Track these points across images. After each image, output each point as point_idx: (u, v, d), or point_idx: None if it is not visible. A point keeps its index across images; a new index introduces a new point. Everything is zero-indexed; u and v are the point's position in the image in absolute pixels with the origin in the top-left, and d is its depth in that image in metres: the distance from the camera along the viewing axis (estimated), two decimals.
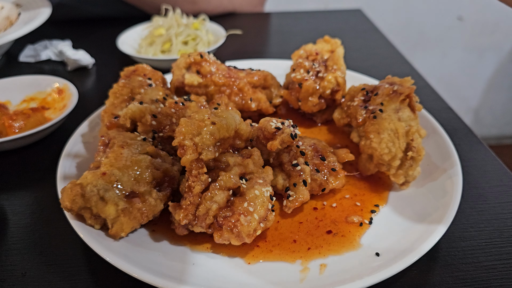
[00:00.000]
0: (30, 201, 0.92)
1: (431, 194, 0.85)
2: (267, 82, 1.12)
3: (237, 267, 0.74)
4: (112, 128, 0.93)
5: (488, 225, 0.84)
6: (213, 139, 0.76)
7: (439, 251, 0.78)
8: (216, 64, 1.08)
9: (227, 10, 1.94)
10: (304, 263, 0.74)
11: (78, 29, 1.81)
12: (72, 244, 0.81)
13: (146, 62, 1.41)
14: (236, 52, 1.62)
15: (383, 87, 0.95)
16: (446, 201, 0.80)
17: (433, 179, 0.88)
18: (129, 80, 1.01)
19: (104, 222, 0.77)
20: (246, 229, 0.72)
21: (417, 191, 0.87)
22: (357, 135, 0.98)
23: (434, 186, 0.86)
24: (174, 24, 1.54)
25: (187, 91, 1.07)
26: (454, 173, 0.86)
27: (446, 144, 0.95)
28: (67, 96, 1.15)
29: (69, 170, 0.90)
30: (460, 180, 0.84)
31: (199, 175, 0.74)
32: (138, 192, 0.78)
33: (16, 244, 0.82)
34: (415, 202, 0.85)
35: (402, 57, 1.57)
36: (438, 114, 1.13)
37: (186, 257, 0.75)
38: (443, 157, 0.92)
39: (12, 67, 1.52)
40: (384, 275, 0.67)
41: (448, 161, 0.90)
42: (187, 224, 0.75)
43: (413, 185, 0.89)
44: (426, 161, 0.92)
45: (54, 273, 0.76)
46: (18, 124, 1.05)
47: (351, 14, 2.00)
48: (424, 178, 0.89)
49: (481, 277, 0.74)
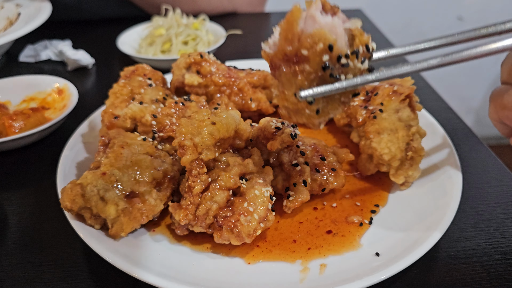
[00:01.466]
0: (30, 201, 0.92)
1: (431, 194, 0.85)
2: (267, 82, 1.12)
3: (237, 267, 0.74)
4: (112, 128, 0.93)
5: (488, 225, 0.84)
6: (213, 139, 0.76)
7: (439, 251, 0.78)
8: (216, 64, 1.08)
9: (227, 10, 1.94)
10: (304, 263, 0.74)
11: (78, 29, 1.81)
12: (72, 244, 0.81)
13: (146, 62, 1.41)
14: (236, 52, 1.62)
15: (383, 87, 0.95)
16: (446, 201, 0.80)
17: (433, 179, 0.88)
18: (129, 80, 1.01)
19: (104, 222, 0.77)
20: (246, 229, 0.72)
21: (417, 191, 0.87)
22: (357, 135, 0.98)
23: (434, 186, 0.86)
24: (174, 24, 1.54)
25: (187, 91, 1.07)
26: (454, 173, 0.86)
27: (446, 144, 0.95)
28: (67, 96, 1.15)
29: (69, 170, 0.90)
30: (460, 180, 0.84)
31: (199, 175, 0.74)
32: (138, 192, 0.78)
33: (16, 244, 0.82)
34: (415, 202, 0.85)
35: (402, 57, 1.57)
36: (438, 114, 1.13)
37: (186, 257, 0.75)
38: (443, 157, 0.92)
39: (12, 67, 1.52)
40: (384, 275, 0.67)
41: (448, 161, 0.90)
42: (187, 224, 0.75)
43: (413, 185, 0.89)
44: (426, 161, 0.92)
45: (54, 273, 0.76)
46: (18, 124, 1.05)
47: (351, 14, 2.00)
48: (424, 178, 0.89)
49: (481, 277, 0.74)
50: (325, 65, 0.57)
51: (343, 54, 0.57)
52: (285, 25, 0.58)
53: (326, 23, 0.57)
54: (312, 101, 0.59)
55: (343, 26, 0.58)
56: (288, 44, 0.58)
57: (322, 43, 0.56)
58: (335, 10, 0.60)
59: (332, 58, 0.57)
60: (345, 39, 0.59)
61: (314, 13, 0.57)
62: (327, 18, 0.58)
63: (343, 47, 0.58)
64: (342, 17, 0.60)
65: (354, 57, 0.58)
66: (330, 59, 0.57)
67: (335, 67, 0.57)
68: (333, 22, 0.57)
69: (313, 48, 0.56)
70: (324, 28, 0.57)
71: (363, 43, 0.59)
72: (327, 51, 0.56)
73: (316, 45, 0.56)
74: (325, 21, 0.57)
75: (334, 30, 0.57)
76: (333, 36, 0.57)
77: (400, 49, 0.64)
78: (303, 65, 0.57)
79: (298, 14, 0.57)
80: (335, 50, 0.57)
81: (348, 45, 0.59)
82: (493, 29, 0.59)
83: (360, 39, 0.59)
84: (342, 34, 0.58)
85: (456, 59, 0.57)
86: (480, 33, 0.60)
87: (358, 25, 0.59)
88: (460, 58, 0.57)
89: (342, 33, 0.58)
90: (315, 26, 0.57)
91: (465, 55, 0.57)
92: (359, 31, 0.59)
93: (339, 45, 0.57)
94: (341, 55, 0.57)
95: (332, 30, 0.57)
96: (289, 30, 0.57)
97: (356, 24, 0.59)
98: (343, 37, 0.58)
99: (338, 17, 0.60)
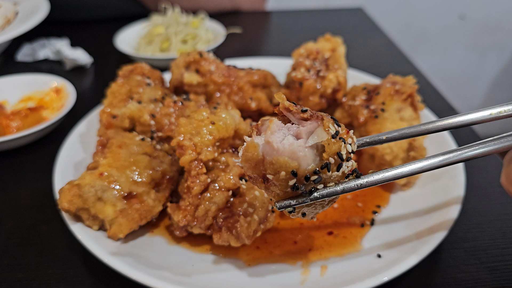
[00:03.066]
0: (27, 202, 0.91)
1: (433, 195, 0.84)
2: (267, 81, 1.11)
3: (237, 269, 0.73)
4: (110, 128, 0.92)
5: (491, 225, 0.83)
6: (212, 139, 0.75)
7: (442, 252, 0.77)
8: (215, 63, 1.07)
9: (227, 8, 1.93)
10: (304, 264, 0.73)
11: (76, 27, 1.80)
12: (70, 245, 0.80)
13: (145, 61, 1.40)
14: (236, 50, 1.61)
15: (385, 87, 0.94)
16: (449, 201, 0.79)
17: (436, 180, 0.87)
18: (127, 79, 1.00)
19: (102, 223, 0.77)
20: (245, 230, 0.71)
21: (419, 192, 0.87)
22: (358, 134, 0.97)
23: (437, 186, 0.85)
24: (173, 22, 1.53)
25: (186, 90, 1.06)
26: (457, 174, 0.85)
27: (448, 144, 0.94)
28: (65, 96, 1.14)
29: (67, 170, 0.89)
30: (463, 180, 0.83)
31: (198, 175, 0.73)
32: (136, 193, 0.77)
33: (13, 245, 0.81)
34: (417, 203, 0.84)
35: (404, 56, 1.56)
36: (440, 113, 1.12)
37: (185, 258, 0.75)
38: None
39: (9, 66, 1.51)
40: (385, 277, 0.66)
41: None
42: (186, 225, 0.74)
43: (415, 185, 0.88)
44: None
45: (52, 275, 0.75)
46: (15, 124, 1.04)
47: (352, 12, 1.99)
48: (426, 179, 0.88)
49: (484, 278, 0.73)
50: (294, 186, 0.54)
51: (311, 173, 0.54)
52: (245, 156, 0.56)
53: (284, 149, 0.53)
54: (292, 210, 0.57)
55: (305, 146, 0.54)
56: (252, 169, 0.56)
57: (284, 171, 0.53)
58: (303, 116, 0.55)
59: (299, 180, 0.54)
60: (312, 155, 0.54)
61: (270, 139, 0.54)
62: (287, 141, 0.54)
63: (310, 166, 0.54)
64: (309, 127, 0.55)
65: (325, 171, 0.54)
66: (298, 181, 0.54)
67: (306, 184, 0.54)
68: (292, 146, 0.53)
69: (276, 175, 0.54)
70: (284, 154, 0.53)
71: (332, 154, 0.54)
72: (292, 176, 0.53)
73: (279, 173, 0.53)
74: (284, 147, 0.53)
75: (295, 156, 0.53)
76: (294, 163, 0.53)
77: (374, 137, 0.64)
78: (272, 186, 0.55)
79: (253, 150, 0.55)
80: (300, 173, 0.53)
81: (318, 158, 0.54)
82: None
83: (329, 150, 0.54)
84: (305, 156, 0.53)
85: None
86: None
87: (323, 137, 0.54)
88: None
89: (306, 154, 0.53)
90: (274, 154, 0.54)
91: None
92: (328, 141, 0.54)
93: (303, 167, 0.53)
94: (308, 175, 0.54)
95: (293, 156, 0.53)
96: (251, 159, 0.55)
97: (322, 136, 0.54)
98: (307, 157, 0.54)
99: (304, 129, 0.55)
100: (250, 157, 0.55)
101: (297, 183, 0.54)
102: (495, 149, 0.62)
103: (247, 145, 0.55)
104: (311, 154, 0.54)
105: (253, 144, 0.55)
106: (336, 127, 0.56)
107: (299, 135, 0.55)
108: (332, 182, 0.55)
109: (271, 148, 0.54)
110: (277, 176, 0.54)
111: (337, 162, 0.54)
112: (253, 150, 0.55)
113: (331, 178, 0.55)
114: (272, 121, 0.56)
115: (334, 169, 0.54)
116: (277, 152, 0.54)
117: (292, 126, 0.56)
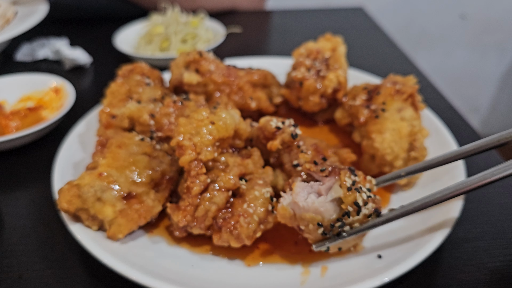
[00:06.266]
0: (26, 202, 0.91)
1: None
2: (267, 80, 1.11)
3: (237, 269, 0.72)
4: (109, 128, 0.92)
5: (492, 226, 0.83)
6: (212, 139, 0.74)
7: (442, 252, 0.77)
8: (215, 62, 1.06)
9: (227, 8, 1.93)
10: (305, 265, 0.73)
11: (75, 27, 1.80)
12: (69, 245, 0.80)
13: (144, 60, 1.39)
14: (236, 50, 1.60)
15: (385, 86, 0.94)
16: (449, 201, 0.79)
17: (436, 180, 0.87)
18: (126, 79, 1.00)
19: (102, 224, 0.76)
20: (245, 230, 0.71)
21: (420, 192, 0.86)
22: (359, 135, 0.97)
23: (437, 186, 0.85)
24: (172, 22, 1.52)
25: (185, 90, 1.06)
26: (458, 174, 0.85)
27: (449, 144, 0.94)
28: (64, 95, 1.14)
29: (66, 170, 0.89)
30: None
31: (197, 175, 0.73)
32: (135, 193, 0.77)
33: (12, 246, 0.81)
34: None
35: (405, 56, 1.56)
36: (441, 113, 1.12)
37: (185, 259, 0.74)
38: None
39: (8, 66, 1.50)
40: (386, 278, 0.66)
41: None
42: (185, 226, 0.74)
43: (416, 186, 0.88)
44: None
45: (51, 276, 0.75)
46: (14, 124, 1.04)
47: (352, 12, 1.98)
48: (427, 179, 0.88)
49: (485, 279, 0.72)
50: (324, 233, 0.67)
51: (334, 221, 0.67)
52: (280, 215, 0.71)
53: (309, 207, 0.67)
54: (327, 249, 0.69)
55: (326, 201, 0.67)
56: (288, 223, 0.70)
57: (311, 224, 0.67)
58: (322, 174, 0.70)
59: (326, 227, 0.67)
60: (333, 206, 0.67)
61: (296, 199, 0.68)
62: (310, 199, 0.67)
63: (332, 216, 0.67)
64: (327, 184, 0.68)
65: (346, 218, 0.66)
66: (325, 228, 0.67)
67: (332, 230, 0.67)
68: (315, 204, 0.66)
69: (306, 227, 0.68)
70: (309, 211, 0.67)
71: (350, 204, 0.66)
72: (318, 227, 0.67)
73: (307, 226, 0.67)
74: (308, 205, 0.67)
75: (318, 211, 0.66)
76: (318, 216, 0.66)
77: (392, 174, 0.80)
78: (306, 234, 0.70)
79: (284, 211, 0.69)
80: (325, 224, 0.67)
81: (339, 209, 0.67)
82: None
83: (346, 201, 0.66)
84: (327, 209, 0.66)
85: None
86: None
87: (340, 193, 0.66)
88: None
89: (327, 207, 0.67)
90: (301, 211, 0.67)
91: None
92: (344, 194, 0.66)
93: (327, 218, 0.67)
94: (332, 223, 0.66)
95: (316, 211, 0.66)
96: (285, 217, 0.70)
97: (338, 192, 0.66)
98: (329, 209, 0.67)
99: (323, 187, 0.68)
100: (283, 215, 0.70)
101: (325, 230, 0.67)
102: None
103: (279, 208, 0.70)
104: (332, 206, 0.67)
105: (283, 207, 0.70)
106: (353, 177, 0.68)
107: (320, 192, 0.68)
108: (357, 223, 0.67)
109: (298, 207, 0.68)
110: (307, 228, 0.68)
111: (356, 209, 0.66)
112: (284, 211, 0.69)
113: (354, 221, 0.67)
114: (295, 184, 0.70)
115: (355, 214, 0.67)
116: (304, 209, 0.67)
117: (314, 184, 0.70)
